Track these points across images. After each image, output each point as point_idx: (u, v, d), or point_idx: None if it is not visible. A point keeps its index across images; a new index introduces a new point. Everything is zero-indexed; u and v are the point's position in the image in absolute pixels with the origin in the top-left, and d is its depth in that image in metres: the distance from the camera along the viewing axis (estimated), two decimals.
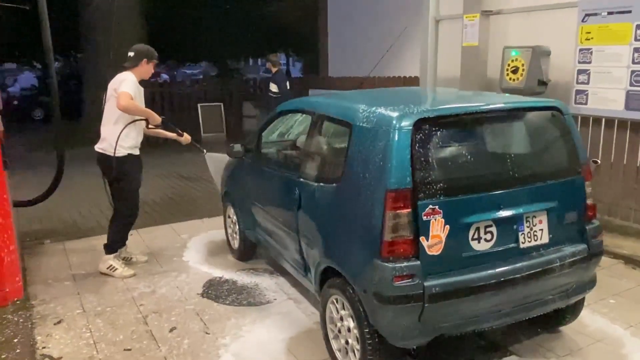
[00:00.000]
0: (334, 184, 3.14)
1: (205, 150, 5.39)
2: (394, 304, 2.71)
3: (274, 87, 8.27)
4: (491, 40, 6.47)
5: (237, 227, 4.94)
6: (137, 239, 5.64)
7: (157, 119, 4.73)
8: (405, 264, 2.69)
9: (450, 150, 2.87)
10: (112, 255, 4.81)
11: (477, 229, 2.83)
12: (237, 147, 4.52)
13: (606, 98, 5.31)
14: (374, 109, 3.01)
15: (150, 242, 5.59)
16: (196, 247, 5.44)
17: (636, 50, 5.01)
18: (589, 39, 5.42)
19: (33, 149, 11.41)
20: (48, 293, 4.38)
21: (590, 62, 5.43)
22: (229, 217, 5.19)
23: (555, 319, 3.55)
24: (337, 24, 12.43)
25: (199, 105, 12.38)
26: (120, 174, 4.61)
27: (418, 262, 2.71)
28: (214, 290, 4.42)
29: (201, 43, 19.53)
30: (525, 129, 3.17)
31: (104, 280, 4.65)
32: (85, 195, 7.35)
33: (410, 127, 2.73)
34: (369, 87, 9.37)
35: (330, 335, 3.31)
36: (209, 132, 12.28)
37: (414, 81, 8.17)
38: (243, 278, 4.67)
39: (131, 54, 4.68)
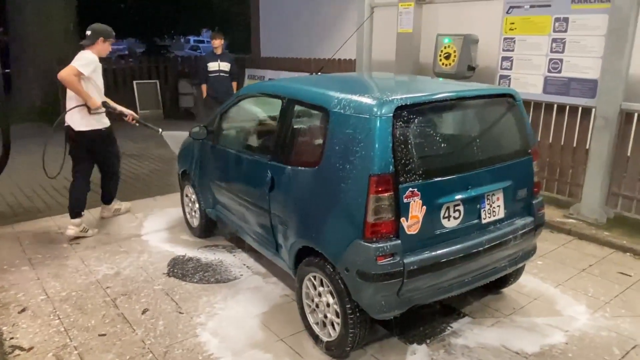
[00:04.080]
0: (312, 168, 2.99)
1: (161, 130, 5.05)
2: (377, 281, 2.65)
3: (225, 67, 7.73)
4: (424, 28, 6.49)
5: (197, 205, 4.66)
6: (91, 219, 5.20)
7: (95, 103, 4.53)
8: (387, 243, 2.63)
9: (425, 136, 2.80)
10: (78, 220, 4.73)
11: (448, 208, 2.82)
12: (199, 129, 4.22)
13: (526, 83, 5.51)
14: (351, 95, 2.87)
15: (105, 223, 5.16)
16: (154, 226, 5.09)
17: (554, 40, 5.21)
18: (512, 29, 5.56)
19: None
20: (6, 280, 3.92)
21: (513, 50, 5.59)
22: (187, 196, 4.89)
23: (499, 282, 3.67)
24: (267, 3, 11.93)
25: (134, 82, 11.58)
26: (71, 146, 4.70)
27: (399, 242, 2.66)
28: (180, 269, 4.16)
29: (127, 18, 18.18)
30: (486, 115, 3.17)
31: (63, 264, 4.23)
32: (26, 174, 6.67)
33: (391, 114, 2.63)
34: (306, 68, 9.17)
35: (307, 310, 3.22)
36: (145, 109, 11.54)
37: (349, 64, 8.06)
38: (206, 255, 4.43)
39: (88, 32, 4.58)
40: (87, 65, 4.42)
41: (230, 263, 4.28)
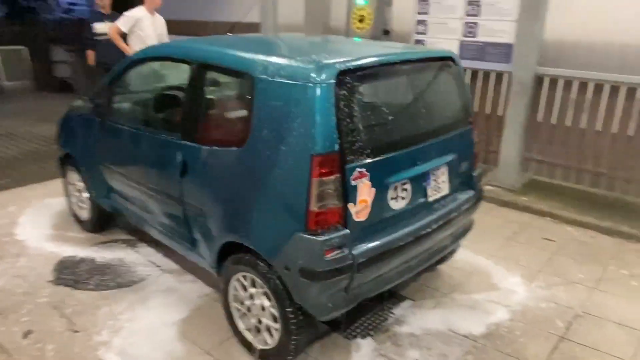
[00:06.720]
0: (235, 148, 2.47)
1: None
2: (325, 279, 2.26)
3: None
4: None
5: (86, 195, 3.90)
6: None
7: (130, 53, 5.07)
8: (335, 234, 2.23)
9: (371, 106, 2.40)
10: None
11: (395, 187, 2.48)
12: (81, 102, 3.47)
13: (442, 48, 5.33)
14: (280, 59, 2.38)
15: None
16: (31, 222, 4.21)
17: (469, 2, 5.05)
18: None
19: None
20: None
21: (428, 13, 5.37)
22: (72, 184, 4.08)
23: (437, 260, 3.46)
24: None
25: None
26: None
27: (347, 231, 2.27)
28: (70, 274, 3.44)
29: None
30: (429, 80, 2.84)
31: None
32: None
33: (333, 81, 2.19)
34: (201, 32, 8.32)
35: (236, 315, 2.75)
36: (13, 79, 9.92)
37: (253, 27, 7.39)
38: (102, 254, 3.73)
39: None
40: (125, 22, 5.42)
41: (133, 261, 3.63)
